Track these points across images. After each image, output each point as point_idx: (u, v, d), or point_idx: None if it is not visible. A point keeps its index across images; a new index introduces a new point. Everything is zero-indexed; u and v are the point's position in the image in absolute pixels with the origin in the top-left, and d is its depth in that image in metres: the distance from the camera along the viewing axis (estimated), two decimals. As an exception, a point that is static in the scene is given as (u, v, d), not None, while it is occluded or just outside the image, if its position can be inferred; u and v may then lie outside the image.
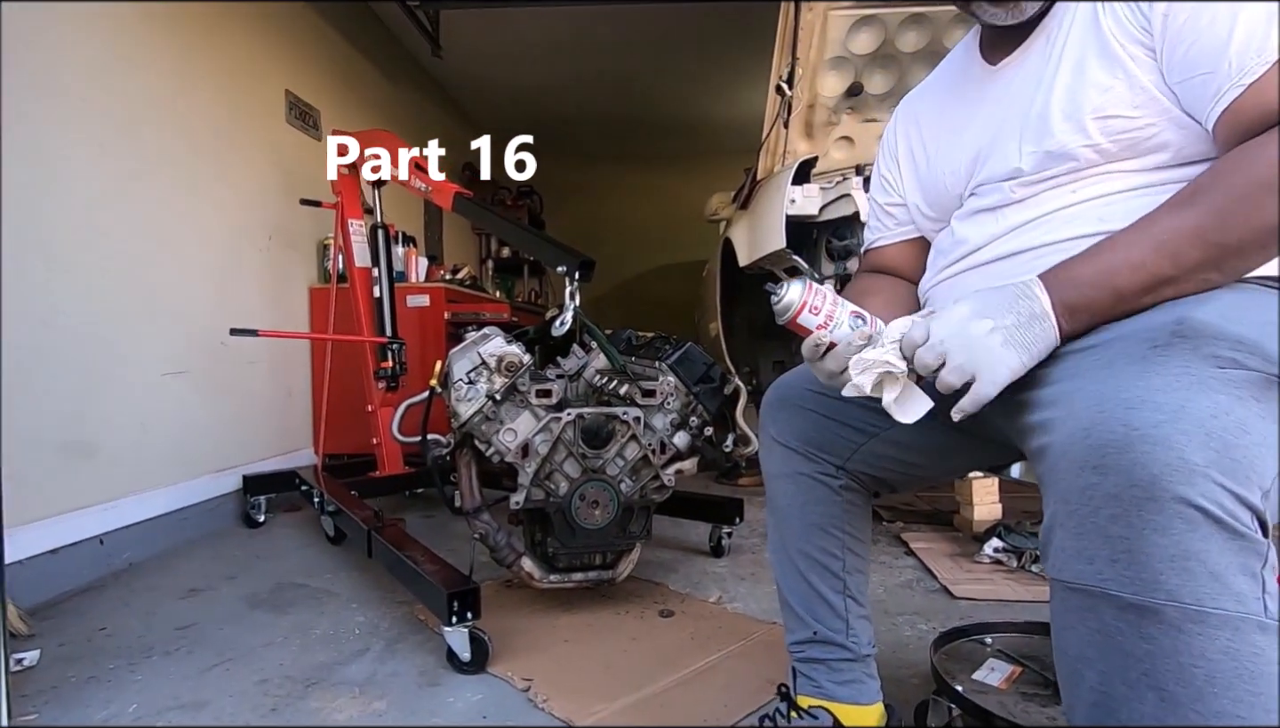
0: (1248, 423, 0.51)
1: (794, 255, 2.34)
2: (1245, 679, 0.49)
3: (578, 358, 1.59)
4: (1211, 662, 0.49)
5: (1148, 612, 0.50)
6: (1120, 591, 0.52)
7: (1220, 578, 0.49)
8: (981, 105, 0.84)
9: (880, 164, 1.02)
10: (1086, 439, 0.54)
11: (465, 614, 1.27)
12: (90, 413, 1.90)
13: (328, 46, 3.38)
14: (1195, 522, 0.49)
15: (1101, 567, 0.53)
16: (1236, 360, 0.53)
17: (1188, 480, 0.49)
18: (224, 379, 2.47)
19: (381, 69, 4.00)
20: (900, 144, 0.98)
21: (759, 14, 3.21)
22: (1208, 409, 0.51)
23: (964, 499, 2.10)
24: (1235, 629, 0.49)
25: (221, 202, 2.52)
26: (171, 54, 2.27)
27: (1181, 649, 0.50)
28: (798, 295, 0.75)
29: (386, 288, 2.50)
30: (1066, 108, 0.73)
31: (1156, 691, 0.51)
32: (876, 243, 1.04)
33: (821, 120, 2.61)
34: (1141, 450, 0.50)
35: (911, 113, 0.98)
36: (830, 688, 0.94)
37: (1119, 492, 0.51)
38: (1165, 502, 0.50)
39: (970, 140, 0.84)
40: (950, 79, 0.93)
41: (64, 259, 1.83)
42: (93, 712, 1.19)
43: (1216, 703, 0.49)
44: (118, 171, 2.03)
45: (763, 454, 1.00)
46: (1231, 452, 0.50)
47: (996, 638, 1.31)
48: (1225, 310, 0.57)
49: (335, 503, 1.97)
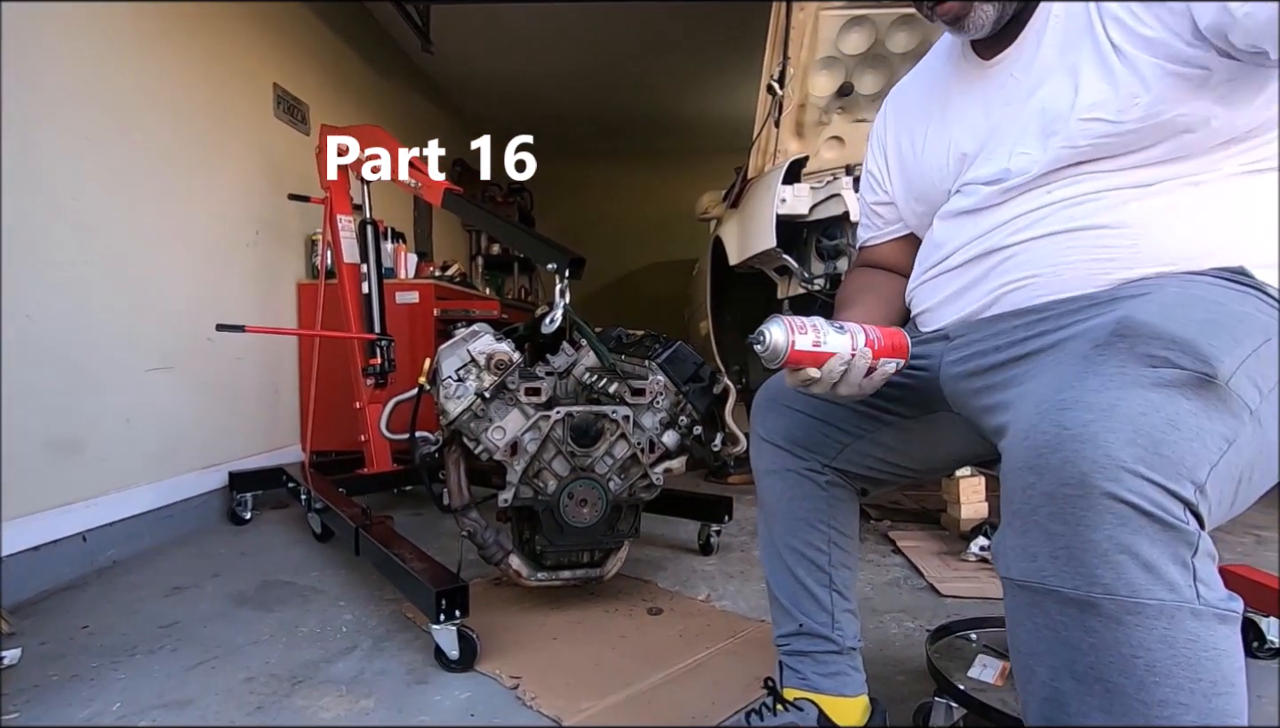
0: (1178, 419, 0.53)
1: (784, 255, 2.35)
2: (1183, 666, 0.50)
3: (567, 356, 1.59)
4: (1151, 651, 0.50)
5: (1087, 606, 0.52)
6: (1061, 586, 0.53)
7: (1152, 569, 0.51)
8: (971, 103, 0.84)
9: (869, 160, 1.03)
10: (1025, 441, 0.56)
11: (453, 612, 1.26)
12: (74, 409, 1.87)
13: (317, 40, 3.35)
14: (1125, 516, 0.51)
15: (1044, 564, 0.54)
16: (1169, 359, 0.55)
17: (1115, 477, 0.51)
18: (210, 375, 2.45)
19: (371, 63, 3.97)
20: (889, 138, 0.99)
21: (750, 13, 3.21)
22: (1138, 407, 0.52)
23: (951, 498, 2.12)
24: (1170, 617, 0.50)
25: (208, 195, 2.49)
26: (157, 46, 2.24)
27: (1122, 641, 0.51)
28: (782, 332, 0.74)
29: (375, 284, 2.49)
30: (1056, 112, 0.74)
31: (1102, 682, 0.52)
32: (869, 242, 1.06)
33: (812, 120, 2.62)
34: (1071, 450, 0.52)
35: (899, 106, 0.99)
36: (815, 680, 0.96)
37: (1053, 490, 0.53)
38: (1095, 498, 0.51)
39: (960, 137, 0.85)
40: (940, 71, 0.92)
41: (47, 253, 1.80)
42: (75, 711, 1.17)
43: (1159, 692, 0.50)
44: (102, 164, 2.00)
45: (752, 452, 1.03)
46: (1160, 447, 0.51)
47: (981, 634, 1.32)
48: (1166, 309, 0.59)
49: (322, 500, 1.96)
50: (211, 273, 2.50)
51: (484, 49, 4.49)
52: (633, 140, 6.33)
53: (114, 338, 2.02)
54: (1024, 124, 0.77)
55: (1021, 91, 0.78)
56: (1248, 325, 0.60)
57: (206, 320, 2.23)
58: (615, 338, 1.67)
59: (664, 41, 4.39)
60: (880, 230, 1.03)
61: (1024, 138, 0.77)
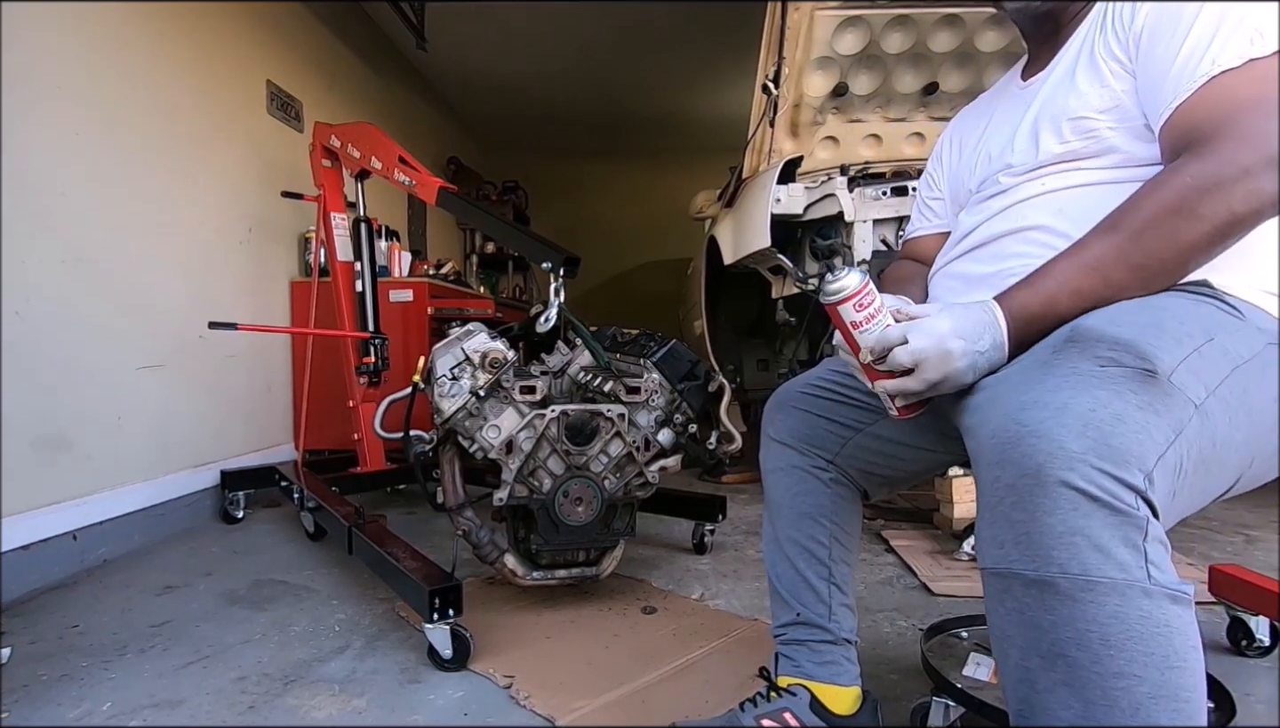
0: (1124, 414, 0.57)
1: (779, 254, 2.35)
2: (1135, 641, 0.54)
3: (562, 354, 1.59)
4: (1104, 626, 0.54)
5: (1046, 585, 0.56)
6: (1024, 569, 0.57)
7: (1103, 550, 0.54)
8: (1010, 116, 0.94)
9: (931, 162, 1.14)
10: (992, 439, 0.61)
11: (447, 611, 1.26)
12: (64, 407, 1.86)
13: (311, 37, 3.33)
14: (1077, 502, 0.55)
15: (1009, 550, 0.58)
16: (1115, 359, 0.59)
17: (1068, 466, 0.55)
18: (202, 373, 2.44)
19: (366, 61, 3.96)
20: (945, 148, 1.10)
21: (745, 13, 3.22)
22: (1087, 404, 0.57)
23: (944, 497, 2.13)
24: (1121, 594, 0.54)
25: (200, 192, 2.48)
26: (150, 41, 2.22)
27: (1077, 616, 0.55)
28: (855, 283, 0.75)
29: (369, 282, 2.48)
30: (1052, 111, 0.84)
31: (1063, 658, 0.56)
32: (913, 234, 1.14)
33: (807, 120, 2.62)
34: (1029, 444, 0.57)
35: (960, 120, 1.10)
36: (809, 668, 0.98)
37: (1014, 482, 0.57)
38: (1050, 486, 0.55)
39: (988, 141, 0.96)
40: (992, 95, 1.06)
41: (37, 249, 1.79)
42: (65, 710, 1.16)
43: (1112, 664, 0.54)
44: (93, 159, 1.99)
45: (761, 453, 1.07)
46: (1108, 439, 0.55)
47: (973, 632, 1.33)
48: (1112, 315, 0.65)
49: (315, 499, 1.95)
50: (204, 270, 2.48)
51: (479, 47, 4.48)
52: (627, 139, 6.33)
53: (104, 335, 2.01)
54: (1030, 124, 0.87)
55: (1039, 105, 0.88)
56: (1190, 327, 0.64)
57: (198, 318, 2.22)
58: (610, 336, 1.67)
59: (659, 41, 4.39)
60: (928, 222, 1.11)
61: (1027, 135, 0.87)
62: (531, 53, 4.56)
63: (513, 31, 4.26)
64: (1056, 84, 0.86)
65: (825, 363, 1.08)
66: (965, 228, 0.94)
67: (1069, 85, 0.83)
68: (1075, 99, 0.81)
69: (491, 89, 5.15)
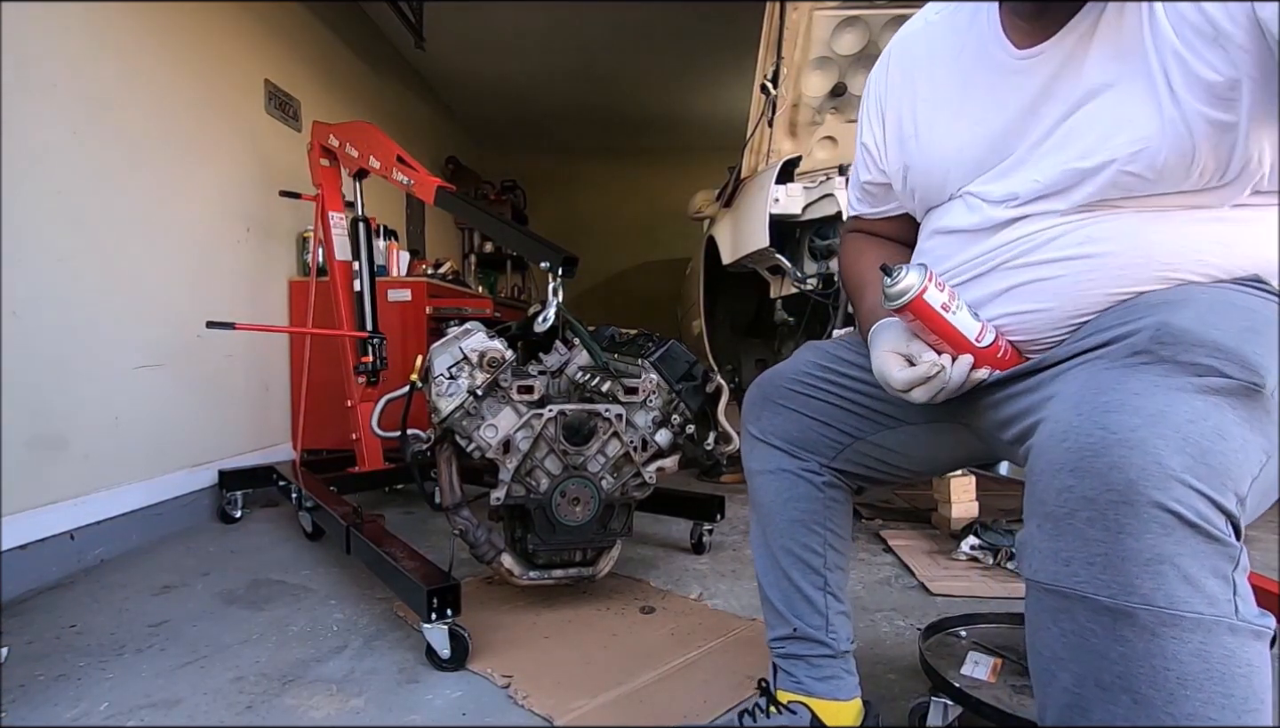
0: (1225, 429, 0.51)
1: (777, 254, 2.35)
2: (1216, 681, 0.49)
3: (560, 354, 1.58)
4: (1183, 664, 0.49)
5: (1122, 615, 0.51)
6: (1096, 593, 0.52)
7: (1193, 581, 0.49)
8: (993, 98, 0.76)
9: (864, 125, 0.94)
10: (1064, 443, 0.54)
11: (445, 611, 1.26)
12: (61, 406, 1.85)
13: (309, 36, 3.33)
14: (1170, 526, 0.49)
15: (1078, 570, 0.53)
16: (1215, 368, 0.53)
17: (1164, 486, 0.49)
18: (200, 373, 2.43)
19: (364, 60, 3.95)
20: (889, 102, 0.89)
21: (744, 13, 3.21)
22: (1185, 415, 0.51)
23: (942, 497, 2.13)
24: (1208, 632, 0.49)
25: (198, 191, 2.47)
26: (147, 39, 2.22)
27: (1155, 652, 0.50)
28: (919, 277, 0.71)
29: (367, 282, 2.48)
30: (1086, 148, 0.68)
31: (1130, 693, 0.51)
32: (863, 215, 1.01)
33: (805, 120, 2.62)
34: (1118, 455, 0.51)
35: (907, 66, 0.88)
36: (809, 684, 0.95)
37: (1095, 495, 0.51)
38: (1141, 506, 0.50)
39: (974, 136, 0.78)
40: (965, 43, 0.80)
41: (34, 248, 1.79)
42: (62, 711, 1.16)
43: (1188, 705, 0.49)
44: (90, 158, 1.98)
45: (744, 451, 1.00)
46: (1208, 457, 0.50)
47: (971, 631, 1.33)
48: (1204, 315, 0.57)
49: (313, 499, 1.95)
50: (201, 269, 2.47)
51: (477, 47, 4.47)
52: (626, 138, 6.32)
53: (102, 335, 2.00)
54: (1048, 146, 0.71)
55: (1053, 104, 0.71)
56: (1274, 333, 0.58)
57: (196, 317, 2.21)
58: (608, 336, 1.67)
59: (657, 40, 4.38)
60: (875, 208, 0.98)
61: (1043, 162, 0.71)
62: (530, 52, 4.55)
63: (510, 31, 4.25)
64: (1084, 94, 0.68)
65: (804, 352, 0.98)
66: (953, 260, 0.79)
67: (1109, 108, 0.66)
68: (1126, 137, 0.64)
69: (490, 89, 5.14)
